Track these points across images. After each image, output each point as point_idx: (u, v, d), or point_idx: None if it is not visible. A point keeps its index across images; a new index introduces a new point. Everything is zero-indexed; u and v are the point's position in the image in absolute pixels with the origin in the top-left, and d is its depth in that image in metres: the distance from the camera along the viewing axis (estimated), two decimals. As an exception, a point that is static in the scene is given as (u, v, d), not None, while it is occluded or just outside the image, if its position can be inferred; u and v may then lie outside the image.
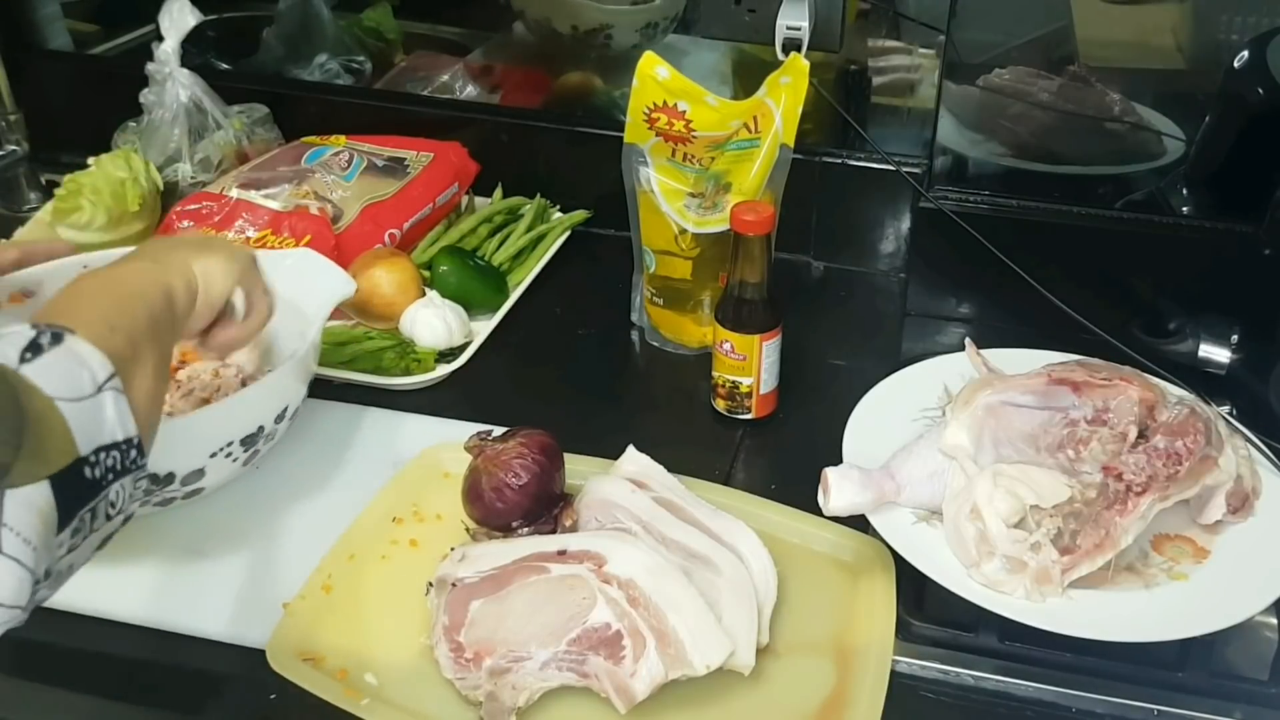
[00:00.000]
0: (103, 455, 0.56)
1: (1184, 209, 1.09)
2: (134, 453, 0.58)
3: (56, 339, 0.56)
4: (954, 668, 0.76)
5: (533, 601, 0.75)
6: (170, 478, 0.80)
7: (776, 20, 1.06)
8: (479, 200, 1.28)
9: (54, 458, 0.53)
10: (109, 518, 0.57)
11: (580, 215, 1.25)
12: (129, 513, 0.60)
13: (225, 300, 0.77)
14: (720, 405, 0.98)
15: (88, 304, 0.62)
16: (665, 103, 0.98)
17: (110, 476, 0.56)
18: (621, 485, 0.84)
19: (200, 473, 0.81)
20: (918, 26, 1.18)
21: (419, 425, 0.97)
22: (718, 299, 0.97)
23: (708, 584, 0.76)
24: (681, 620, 0.72)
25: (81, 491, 0.54)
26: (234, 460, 0.83)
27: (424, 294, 1.07)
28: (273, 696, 0.74)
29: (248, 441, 0.83)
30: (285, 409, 0.86)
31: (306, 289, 0.92)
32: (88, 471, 0.55)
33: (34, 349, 0.55)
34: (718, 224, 1.00)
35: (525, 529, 0.82)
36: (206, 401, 0.94)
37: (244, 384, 0.96)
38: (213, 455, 0.81)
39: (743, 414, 0.98)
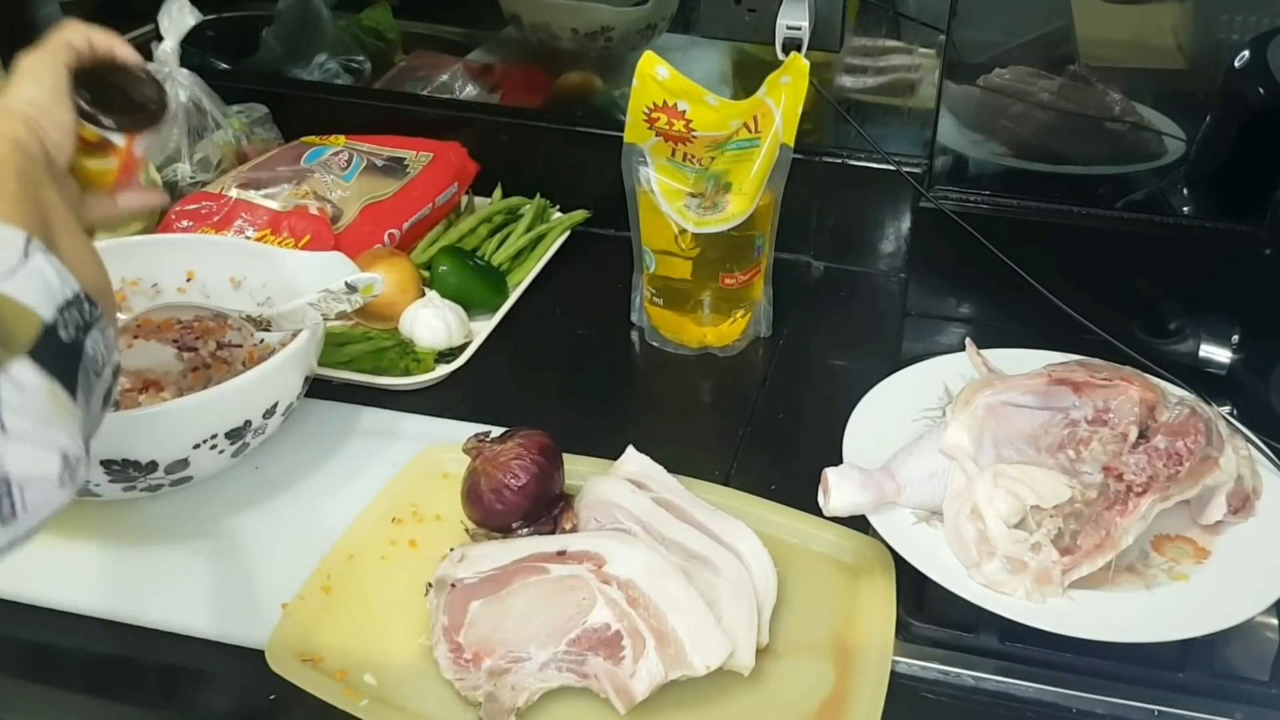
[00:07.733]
0: (66, 315, 0.55)
1: (1184, 209, 1.08)
2: (87, 305, 0.57)
3: None
4: (954, 668, 0.76)
5: (532, 602, 0.75)
6: (153, 466, 0.80)
7: (776, 20, 1.05)
8: (479, 200, 1.28)
9: (20, 334, 0.51)
10: (98, 374, 0.57)
11: (580, 215, 1.25)
12: (115, 363, 0.60)
13: (64, 101, 0.73)
14: None
15: None
16: (665, 102, 0.98)
17: (80, 334, 0.55)
18: (621, 485, 0.83)
19: (184, 463, 0.81)
20: (918, 26, 1.18)
21: (418, 426, 0.97)
22: (717, 300, 0.97)
23: (707, 584, 0.76)
24: (681, 620, 0.72)
25: (67, 356, 0.54)
26: (220, 453, 0.83)
27: (424, 294, 1.07)
28: (272, 697, 0.73)
29: (234, 435, 0.83)
30: (275, 404, 0.86)
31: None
32: (63, 334, 0.54)
33: None
34: (718, 224, 1.00)
35: (525, 530, 0.82)
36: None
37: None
38: (196, 447, 0.81)
39: None
